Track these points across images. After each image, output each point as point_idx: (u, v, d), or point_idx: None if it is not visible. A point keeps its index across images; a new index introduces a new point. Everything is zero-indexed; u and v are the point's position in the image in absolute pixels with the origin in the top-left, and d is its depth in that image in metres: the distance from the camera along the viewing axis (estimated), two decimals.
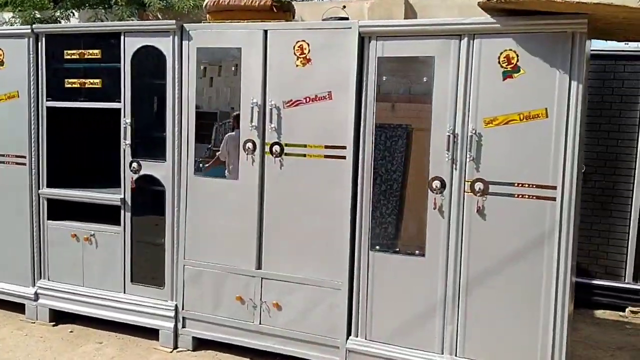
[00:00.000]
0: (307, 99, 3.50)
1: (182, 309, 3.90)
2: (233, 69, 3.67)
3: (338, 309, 3.51)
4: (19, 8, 7.42)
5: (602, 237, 4.86)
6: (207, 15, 4.11)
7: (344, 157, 3.44)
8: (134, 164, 3.94)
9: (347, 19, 3.95)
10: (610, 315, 4.78)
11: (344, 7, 4.76)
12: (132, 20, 6.02)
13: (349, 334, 3.51)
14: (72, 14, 6.41)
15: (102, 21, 6.34)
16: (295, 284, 3.60)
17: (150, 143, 3.94)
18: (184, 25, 3.77)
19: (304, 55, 3.49)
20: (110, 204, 4.03)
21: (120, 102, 3.93)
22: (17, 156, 4.31)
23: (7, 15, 7.48)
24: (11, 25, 6.56)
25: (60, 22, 6.26)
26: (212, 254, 3.80)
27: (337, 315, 3.52)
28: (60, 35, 4.16)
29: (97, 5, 6.59)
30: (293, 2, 4.05)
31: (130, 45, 3.88)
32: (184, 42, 3.76)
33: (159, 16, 6.67)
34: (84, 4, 6.52)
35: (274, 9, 3.90)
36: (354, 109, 3.38)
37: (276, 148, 3.59)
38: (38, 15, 7.06)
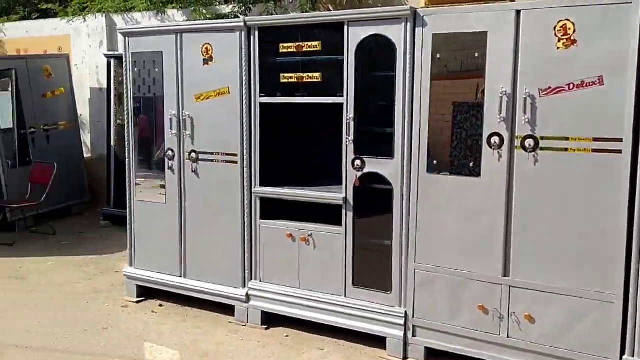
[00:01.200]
0: (571, 86, 3.09)
1: (413, 316, 3.63)
2: (476, 55, 3.33)
3: (609, 325, 3.08)
4: (180, 4, 7.53)
5: None
6: (425, 0, 3.84)
7: (619, 151, 2.99)
8: (357, 162, 3.71)
9: None
10: None
11: None
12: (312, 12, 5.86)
13: (622, 353, 3.07)
14: (249, 10, 6.35)
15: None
16: (553, 295, 3.20)
17: (374, 139, 3.70)
18: (418, 10, 3.47)
19: (567, 37, 3.07)
20: (332, 203, 3.82)
21: (342, 96, 3.71)
22: (227, 154, 4.21)
23: (172, 12, 7.61)
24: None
25: (238, 18, 6.23)
26: (448, 258, 3.49)
27: (607, 331, 3.08)
28: (274, 28, 4.01)
29: (267, 0, 6.50)
30: None
31: (354, 36, 3.64)
32: (417, 28, 3.46)
33: (330, 7, 6.50)
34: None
35: None
36: (633, 95, 2.94)
37: (529, 142, 3.21)
38: (204, 12, 7.12)
